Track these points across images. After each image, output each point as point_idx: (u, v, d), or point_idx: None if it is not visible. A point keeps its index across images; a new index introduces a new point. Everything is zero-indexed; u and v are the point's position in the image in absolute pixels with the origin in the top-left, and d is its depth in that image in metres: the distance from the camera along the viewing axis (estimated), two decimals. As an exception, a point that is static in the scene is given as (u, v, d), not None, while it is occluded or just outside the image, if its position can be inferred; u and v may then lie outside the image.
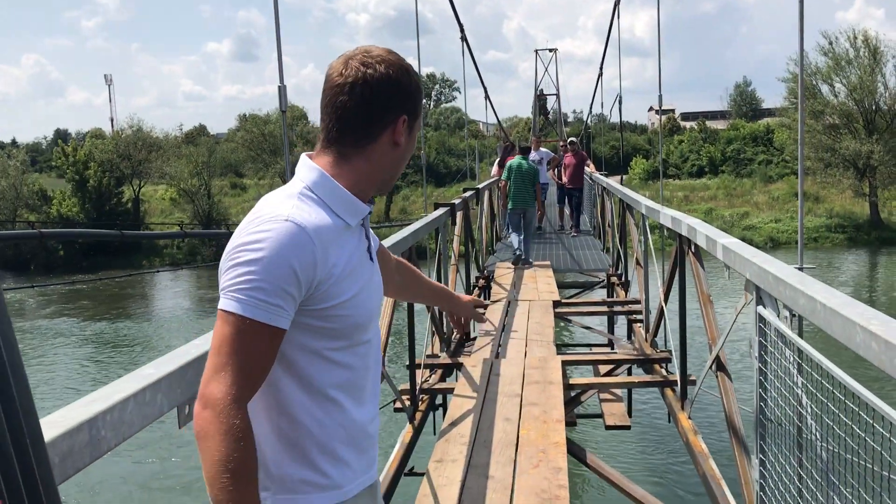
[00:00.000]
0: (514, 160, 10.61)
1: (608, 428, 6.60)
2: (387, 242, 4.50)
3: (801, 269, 2.91)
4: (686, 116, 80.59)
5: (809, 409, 2.45)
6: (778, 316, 2.76)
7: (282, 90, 3.96)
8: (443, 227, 6.71)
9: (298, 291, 1.44)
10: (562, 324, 13.35)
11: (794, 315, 2.58)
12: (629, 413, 7.59)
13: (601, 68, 19.21)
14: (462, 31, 12.83)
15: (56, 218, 40.27)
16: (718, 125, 60.80)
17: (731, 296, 12.97)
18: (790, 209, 40.54)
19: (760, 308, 2.94)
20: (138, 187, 45.44)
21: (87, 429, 1.44)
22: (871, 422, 1.98)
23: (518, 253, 10.29)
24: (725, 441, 3.96)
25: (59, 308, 28.43)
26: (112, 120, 65.66)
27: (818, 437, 2.43)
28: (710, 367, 4.12)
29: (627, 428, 6.67)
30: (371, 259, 1.64)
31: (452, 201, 7.75)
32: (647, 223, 6.59)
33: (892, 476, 1.93)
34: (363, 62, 1.53)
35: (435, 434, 5.16)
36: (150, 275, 33.98)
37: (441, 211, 6.87)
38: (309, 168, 1.57)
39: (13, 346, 0.94)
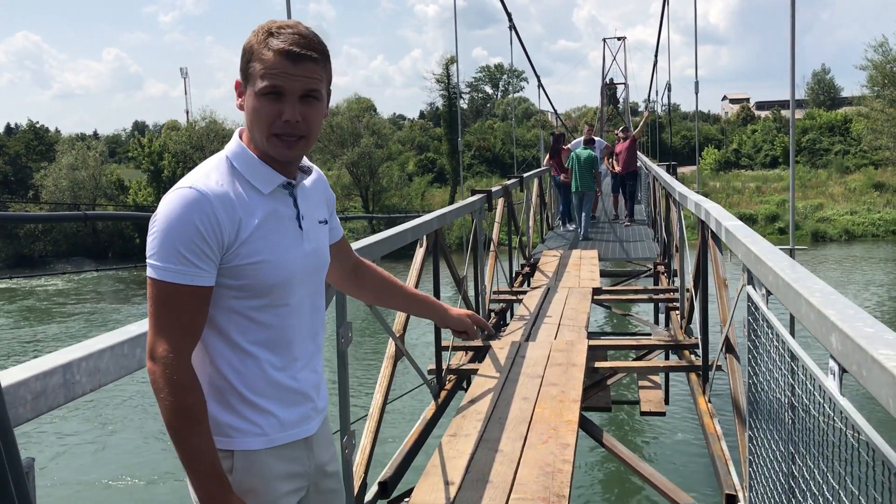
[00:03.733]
0: (576, 150, 13.03)
1: (643, 414, 6.67)
2: (410, 224, 4.67)
3: (791, 250, 2.95)
4: (761, 105, 78.51)
5: (778, 385, 2.52)
6: (760, 295, 2.82)
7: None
8: (478, 214, 6.84)
9: (211, 250, 1.60)
10: (608, 312, 13.43)
11: (769, 293, 2.64)
12: (666, 400, 7.61)
13: (656, 56, 18.90)
14: (510, 20, 12.93)
15: (132, 206, 41.78)
16: (795, 114, 58.88)
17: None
18: (867, 201, 39.25)
19: (749, 288, 3.00)
20: (211, 178, 46.64)
21: (61, 372, 1.62)
22: (821, 400, 2.04)
23: (578, 230, 12.63)
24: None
25: (129, 295, 29.56)
26: (187, 112, 67.46)
27: (790, 414, 2.49)
28: (721, 350, 4.16)
29: (662, 414, 6.71)
30: (300, 227, 1.74)
31: (490, 188, 7.87)
32: (681, 209, 6.59)
33: (842, 451, 2.00)
34: None
35: (459, 412, 5.32)
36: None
37: (475, 197, 7.00)
38: (232, 141, 1.74)
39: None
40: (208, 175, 1.64)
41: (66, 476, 11.27)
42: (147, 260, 1.60)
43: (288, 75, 1.62)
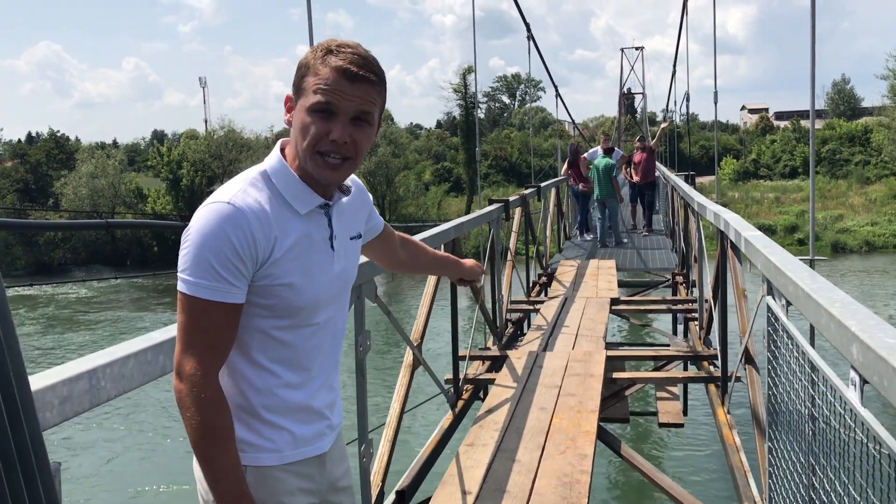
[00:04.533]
0: (596, 159, 13.32)
1: (661, 426, 6.64)
2: (428, 233, 4.68)
3: (811, 261, 2.93)
4: (780, 116, 78.07)
5: (798, 396, 2.51)
6: (780, 305, 2.81)
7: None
8: (495, 223, 6.84)
9: (245, 266, 1.56)
10: (626, 322, 13.41)
11: (789, 304, 2.63)
12: (685, 412, 7.58)
13: (674, 66, 18.85)
14: (528, 29, 12.98)
15: (151, 215, 42.12)
16: (815, 125, 58.36)
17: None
18: (888, 212, 38.91)
19: (769, 298, 2.99)
20: (229, 186, 46.85)
21: (87, 378, 1.64)
22: (841, 411, 2.03)
23: (602, 236, 12.94)
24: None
25: (151, 302, 29.77)
26: (206, 121, 67.94)
27: (810, 426, 2.47)
28: (741, 361, 4.14)
29: (681, 426, 6.68)
30: (332, 248, 1.71)
31: (507, 197, 7.88)
32: (699, 219, 6.57)
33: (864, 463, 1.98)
34: None
35: (477, 422, 5.31)
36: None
37: (492, 207, 7.01)
38: (272, 155, 1.68)
39: (11, 330, 1.13)
40: (245, 191, 1.59)
41: (95, 480, 11.36)
42: (179, 274, 1.56)
43: (342, 94, 1.57)
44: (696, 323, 7.04)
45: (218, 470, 1.55)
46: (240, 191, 1.60)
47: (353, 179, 1.84)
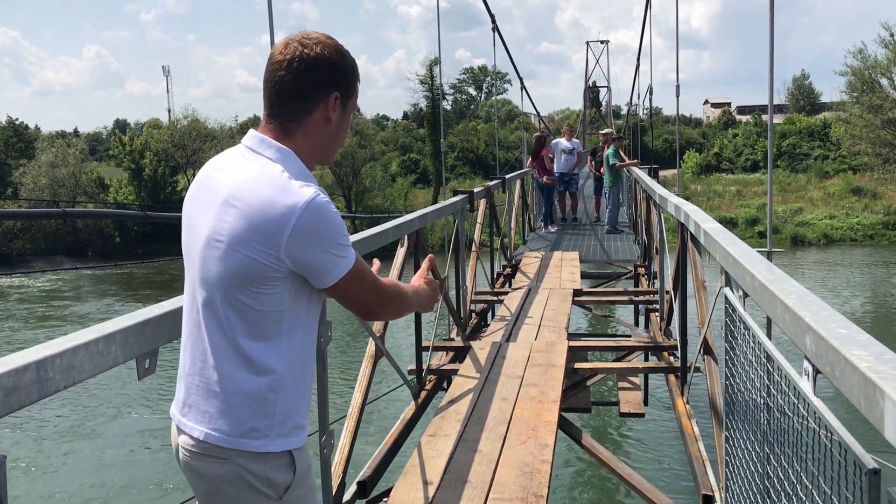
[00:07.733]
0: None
1: (622, 415, 6.70)
2: (392, 223, 4.67)
3: (769, 252, 2.97)
4: (742, 110, 79.05)
5: (754, 386, 2.54)
6: (737, 296, 2.84)
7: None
8: (459, 215, 6.84)
9: None
10: (589, 313, 13.51)
11: (746, 295, 2.66)
12: (645, 401, 7.66)
13: (638, 59, 18.99)
14: (494, 21, 12.99)
15: (113, 205, 41.45)
16: (775, 119, 59.14)
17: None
18: (846, 205, 39.67)
19: (727, 290, 3.02)
20: (192, 177, 46.28)
21: (34, 369, 1.61)
22: (795, 400, 2.06)
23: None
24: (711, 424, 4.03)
25: (119, 294, 29.29)
26: (169, 111, 67.14)
27: (765, 415, 2.50)
28: (700, 352, 4.19)
29: (641, 415, 6.75)
30: None
31: (472, 189, 7.87)
32: (661, 212, 6.63)
33: (816, 451, 2.01)
34: (301, 42, 1.71)
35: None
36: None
37: (457, 198, 7.00)
38: (275, 149, 1.74)
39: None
40: (301, 179, 1.72)
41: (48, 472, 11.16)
42: (335, 256, 1.71)
43: None
44: (657, 314, 7.11)
45: (417, 304, 2.05)
46: (302, 181, 1.70)
47: None
